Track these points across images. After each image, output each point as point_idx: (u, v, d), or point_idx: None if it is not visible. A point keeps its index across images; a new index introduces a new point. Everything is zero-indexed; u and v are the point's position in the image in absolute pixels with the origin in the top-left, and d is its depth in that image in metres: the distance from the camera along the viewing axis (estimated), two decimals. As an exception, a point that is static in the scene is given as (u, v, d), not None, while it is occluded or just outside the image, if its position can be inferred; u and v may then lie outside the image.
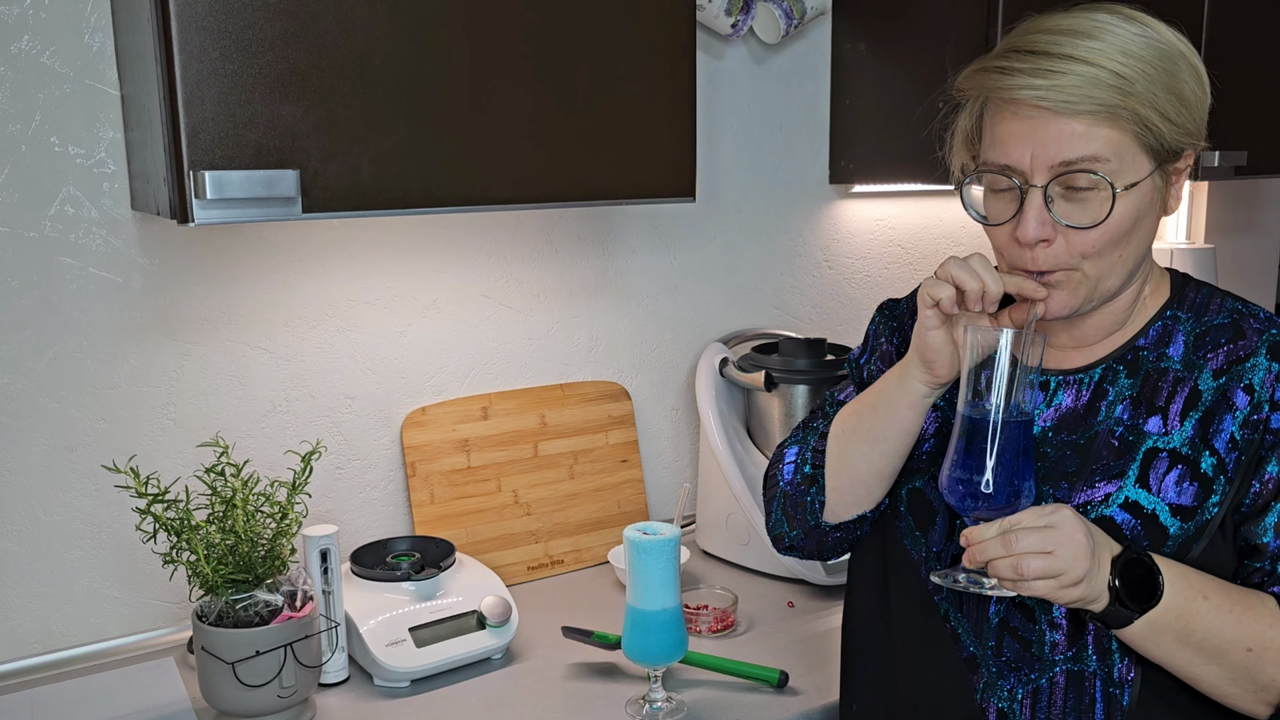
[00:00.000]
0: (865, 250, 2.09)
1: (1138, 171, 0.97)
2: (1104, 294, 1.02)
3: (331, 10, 1.16)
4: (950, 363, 1.04)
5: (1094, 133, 0.95)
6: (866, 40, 1.89)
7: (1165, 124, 0.96)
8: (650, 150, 1.39)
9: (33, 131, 1.34)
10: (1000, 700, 1.05)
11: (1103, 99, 0.94)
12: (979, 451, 0.98)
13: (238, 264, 1.50)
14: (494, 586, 1.46)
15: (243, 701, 1.22)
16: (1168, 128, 0.96)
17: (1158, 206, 1.01)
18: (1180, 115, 0.97)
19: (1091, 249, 0.98)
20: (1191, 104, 0.98)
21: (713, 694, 1.34)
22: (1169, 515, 1.00)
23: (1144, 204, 0.99)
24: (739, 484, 1.68)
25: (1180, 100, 0.97)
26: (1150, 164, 0.97)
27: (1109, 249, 0.98)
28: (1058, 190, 0.97)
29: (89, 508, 1.44)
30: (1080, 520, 0.96)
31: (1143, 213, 0.99)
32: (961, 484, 1.00)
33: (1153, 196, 0.99)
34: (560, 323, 1.78)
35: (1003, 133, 1.00)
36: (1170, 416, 1.03)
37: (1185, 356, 1.05)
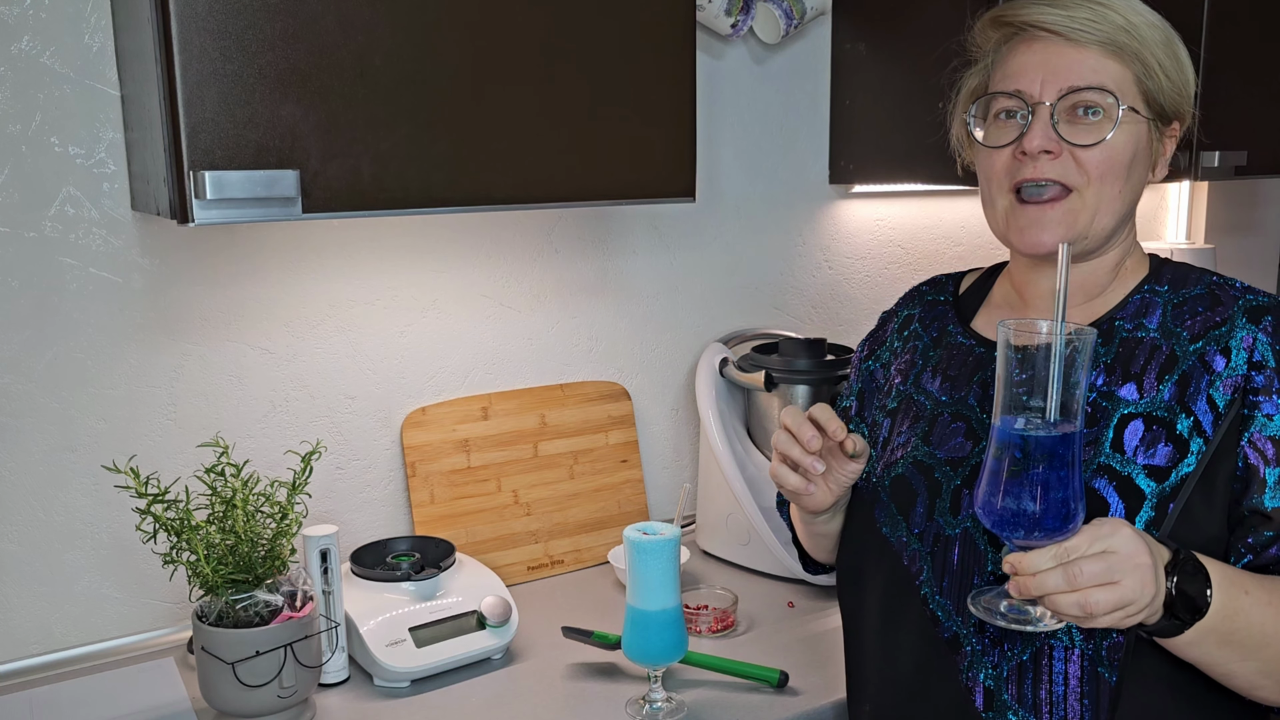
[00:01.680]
0: (865, 250, 2.09)
1: (1138, 106, 1.05)
2: (1097, 233, 1.06)
3: (331, 10, 1.16)
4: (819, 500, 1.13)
5: (1103, 65, 1.03)
6: (866, 40, 1.89)
7: (1163, 78, 1.04)
8: (650, 150, 1.39)
9: (33, 131, 1.34)
10: (986, 678, 1.04)
11: (1112, 35, 1.02)
12: (1023, 471, 0.88)
13: (238, 264, 1.50)
14: (494, 586, 1.46)
15: (243, 702, 1.22)
16: (1165, 82, 1.05)
17: (1147, 160, 1.08)
18: (1176, 76, 1.05)
19: (1095, 169, 1.03)
20: (1186, 72, 1.06)
21: (713, 694, 1.34)
22: (1144, 477, 1.00)
23: (1140, 145, 1.05)
24: (739, 484, 1.68)
25: (1177, 63, 1.05)
26: (1148, 112, 1.05)
27: (1109, 176, 1.04)
28: (1064, 113, 1.04)
29: (89, 508, 1.44)
30: (1138, 537, 0.89)
31: (1138, 154, 1.05)
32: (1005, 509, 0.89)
33: (1148, 144, 1.06)
34: (560, 323, 1.78)
35: (1015, 65, 1.07)
36: (1146, 383, 1.04)
37: (1162, 325, 1.07)
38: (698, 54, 1.45)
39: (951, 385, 1.16)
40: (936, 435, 1.13)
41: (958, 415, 1.13)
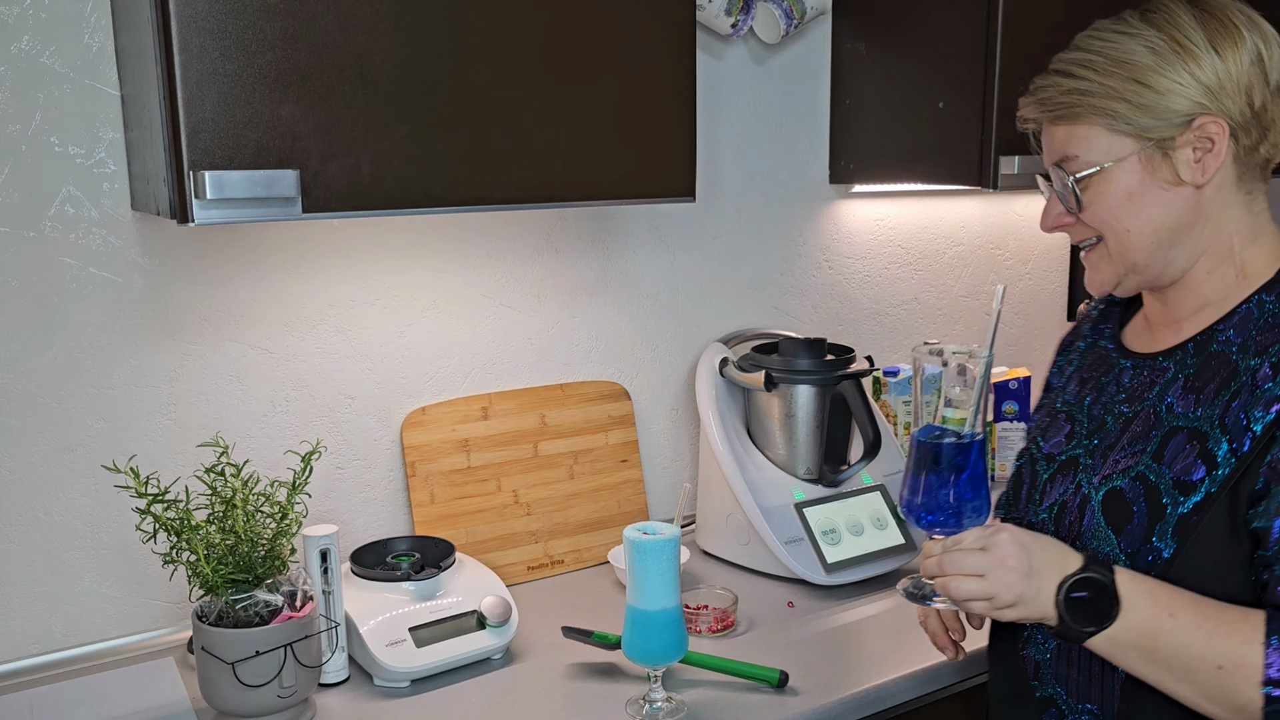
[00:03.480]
0: (865, 250, 2.09)
1: (1113, 154, 1.07)
2: (1136, 267, 1.10)
3: (331, 10, 1.16)
4: None
5: (1069, 132, 1.10)
6: (866, 40, 1.89)
7: (1133, 110, 1.05)
8: (650, 150, 1.39)
9: (33, 131, 1.34)
10: (1037, 652, 1.15)
11: (1065, 102, 1.09)
12: (923, 473, 1.06)
13: (238, 264, 1.50)
14: (494, 586, 1.46)
15: (243, 701, 1.22)
16: (1136, 113, 1.05)
17: (1162, 181, 1.07)
18: (1152, 99, 1.05)
19: (1096, 224, 1.10)
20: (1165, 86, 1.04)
21: (713, 694, 1.34)
22: (1170, 488, 1.03)
23: (1133, 182, 1.07)
24: (739, 484, 1.68)
25: (1147, 86, 1.05)
26: (1132, 145, 1.06)
27: (1111, 222, 1.09)
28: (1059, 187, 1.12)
29: (89, 508, 1.44)
30: (1018, 544, 1.00)
31: (1137, 190, 1.07)
32: (911, 504, 1.07)
33: (1147, 175, 1.07)
34: (560, 323, 1.78)
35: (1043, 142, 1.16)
36: (1204, 395, 1.05)
37: (1244, 339, 1.06)
38: (698, 54, 1.45)
39: (1080, 387, 1.22)
40: (1051, 431, 1.21)
41: (1070, 416, 1.19)
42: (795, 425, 1.72)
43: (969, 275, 2.25)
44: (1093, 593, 0.99)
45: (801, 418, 1.71)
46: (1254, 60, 1.04)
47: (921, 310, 2.19)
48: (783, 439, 1.73)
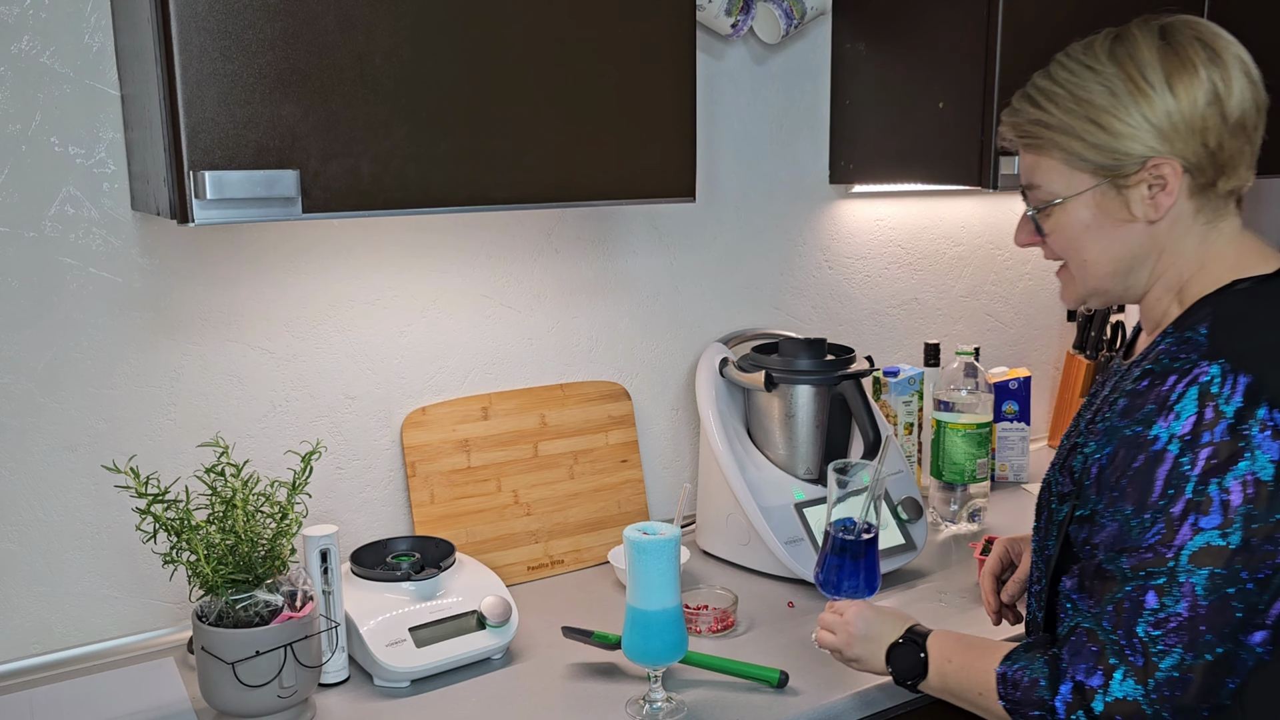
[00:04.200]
0: (865, 250, 2.09)
1: (1070, 188, 1.12)
2: (1097, 291, 1.17)
3: (331, 10, 1.16)
4: None
5: (1034, 162, 1.15)
6: (866, 40, 1.89)
7: (1089, 148, 1.09)
8: (650, 150, 1.39)
9: (33, 131, 1.34)
10: None
11: (1030, 132, 1.13)
12: (827, 554, 1.38)
13: (238, 264, 1.50)
14: (494, 586, 1.46)
15: (243, 701, 1.22)
16: (1092, 151, 1.09)
17: (1118, 216, 1.11)
18: (1105, 140, 1.08)
19: (1057, 248, 1.17)
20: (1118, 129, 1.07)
21: (713, 694, 1.34)
22: (1056, 499, 1.17)
23: (1088, 215, 1.12)
24: (739, 484, 1.68)
25: (1102, 127, 1.08)
26: (1089, 180, 1.10)
27: (1070, 249, 1.15)
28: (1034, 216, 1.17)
29: (89, 508, 1.44)
30: (862, 616, 1.27)
31: (1093, 223, 1.12)
32: (816, 573, 1.40)
33: (1102, 210, 1.11)
34: (560, 323, 1.78)
35: None
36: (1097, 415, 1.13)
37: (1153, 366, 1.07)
38: (698, 54, 1.45)
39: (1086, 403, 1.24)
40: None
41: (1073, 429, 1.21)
42: (795, 425, 1.72)
43: (969, 275, 2.25)
44: (907, 652, 1.23)
45: (801, 418, 1.71)
46: (1210, 100, 1.05)
47: (921, 310, 2.19)
48: (783, 439, 1.73)
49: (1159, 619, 1.00)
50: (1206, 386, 1.00)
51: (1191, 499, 0.99)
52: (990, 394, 1.96)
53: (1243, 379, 0.99)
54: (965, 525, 1.92)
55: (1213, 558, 0.98)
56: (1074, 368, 2.30)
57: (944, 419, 1.94)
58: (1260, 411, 0.98)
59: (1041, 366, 2.40)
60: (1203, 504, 0.99)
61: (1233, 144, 1.07)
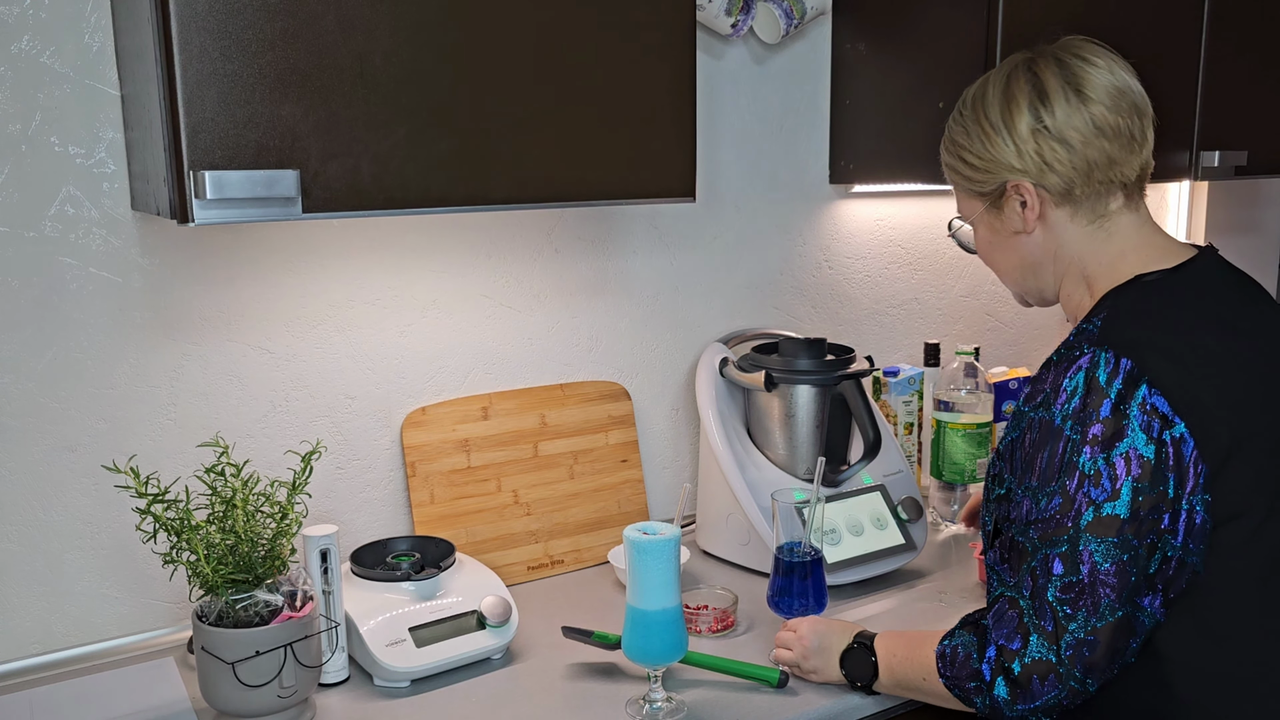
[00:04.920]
0: (865, 250, 2.09)
1: (970, 213, 1.32)
2: (1017, 294, 1.36)
3: (331, 10, 1.16)
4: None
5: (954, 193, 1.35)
6: (866, 40, 1.89)
7: (967, 180, 1.29)
8: (650, 150, 1.39)
9: (33, 131, 1.34)
10: None
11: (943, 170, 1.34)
12: (778, 575, 1.44)
13: (238, 264, 1.50)
14: (494, 586, 1.46)
15: (243, 701, 1.22)
16: (969, 183, 1.29)
17: (1004, 231, 1.28)
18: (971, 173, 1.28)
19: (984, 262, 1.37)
20: (977, 164, 1.26)
21: (713, 694, 1.34)
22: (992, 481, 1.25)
23: (986, 232, 1.31)
24: (739, 484, 1.68)
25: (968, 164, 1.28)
26: (979, 204, 1.30)
27: (987, 262, 1.35)
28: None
29: (89, 508, 1.44)
30: (814, 630, 1.35)
31: (989, 238, 1.31)
32: (768, 594, 1.45)
33: (991, 227, 1.30)
34: (560, 323, 1.78)
35: None
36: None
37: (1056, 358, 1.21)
38: (698, 54, 1.45)
39: None
40: None
41: None
42: (795, 425, 1.72)
43: (969, 275, 2.25)
44: (858, 657, 1.31)
45: (801, 418, 1.71)
46: (1035, 129, 1.21)
47: (921, 310, 2.19)
48: (783, 439, 1.73)
49: (1065, 584, 1.11)
50: (1092, 370, 1.12)
51: (1083, 473, 1.11)
52: (990, 394, 1.96)
53: (1125, 363, 1.11)
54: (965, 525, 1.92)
55: (1105, 527, 1.09)
56: (1074, 368, 2.30)
57: (944, 419, 1.94)
58: (1140, 392, 1.09)
59: (1041, 366, 2.39)
60: (1094, 477, 1.10)
61: (1076, 155, 1.20)
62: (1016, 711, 1.13)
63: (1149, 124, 1.23)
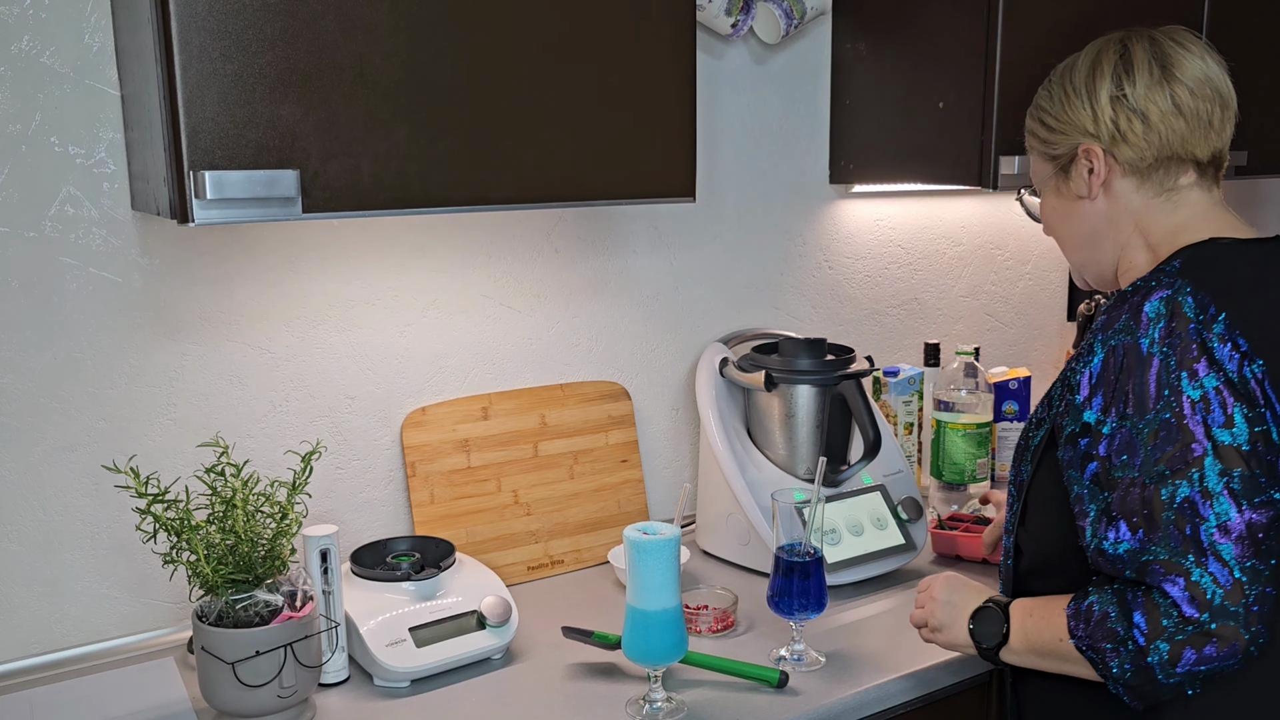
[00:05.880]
0: (865, 250, 2.09)
1: (1042, 179, 1.34)
2: (1077, 265, 1.36)
3: (331, 10, 1.16)
4: None
5: (1027, 162, 1.38)
6: (866, 40, 1.89)
7: (1042, 144, 1.31)
8: (650, 150, 1.39)
9: (33, 131, 1.34)
10: None
11: (1024, 137, 1.36)
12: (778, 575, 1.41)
13: (238, 264, 1.50)
14: (494, 586, 1.46)
15: (243, 701, 1.22)
16: (1044, 145, 1.31)
17: (1070, 196, 1.30)
18: (1047, 135, 1.30)
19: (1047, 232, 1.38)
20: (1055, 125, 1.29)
21: (713, 694, 1.34)
22: (1033, 424, 1.27)
23: (1054, 198, 1.33)
24: (739, 484, 1.68)
25: (1046, 126, 1.30)
26: (1050, 168, 1.31)
27: (1050, 230, 1.37)
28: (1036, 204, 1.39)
29: (89, 508, 1.44)
30: (948, 584, 1.31)
31: (1056, 205, 1.33)
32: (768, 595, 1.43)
33: (1058, 193, 1.31)
34: (560, 323, 1.78)
35: None
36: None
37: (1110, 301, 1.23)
38: (698, 54, 1.45)
39: None
40: None
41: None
42: (795, 425, 1.72)
43: (969, 275, 2.25)
44: (989, 615, 1.25)
45: (801, 418, 1.71)
46: (1114, 98, 1.23)
47: (921, 310, 2.19)
48: (783, 439, 1.73)
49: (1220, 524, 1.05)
50: (1174, 297, 1.12)
51: (1192, 400, 1.08)
52: (990, 394, 1.96)
53: (1203, 296, 1.11)
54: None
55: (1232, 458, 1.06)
56: (1074, 368, 2.30)
57: (944, 419, 1.94)
58: (1218, 327, 1.09)
59: (1041, 366, 2.40)
60: (1203, 404, 1.07)
61: (1149, 129, 1.22)
62: (1173, 675, 1.06)
63: (1230, 117, 1.25)
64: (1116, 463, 1.11)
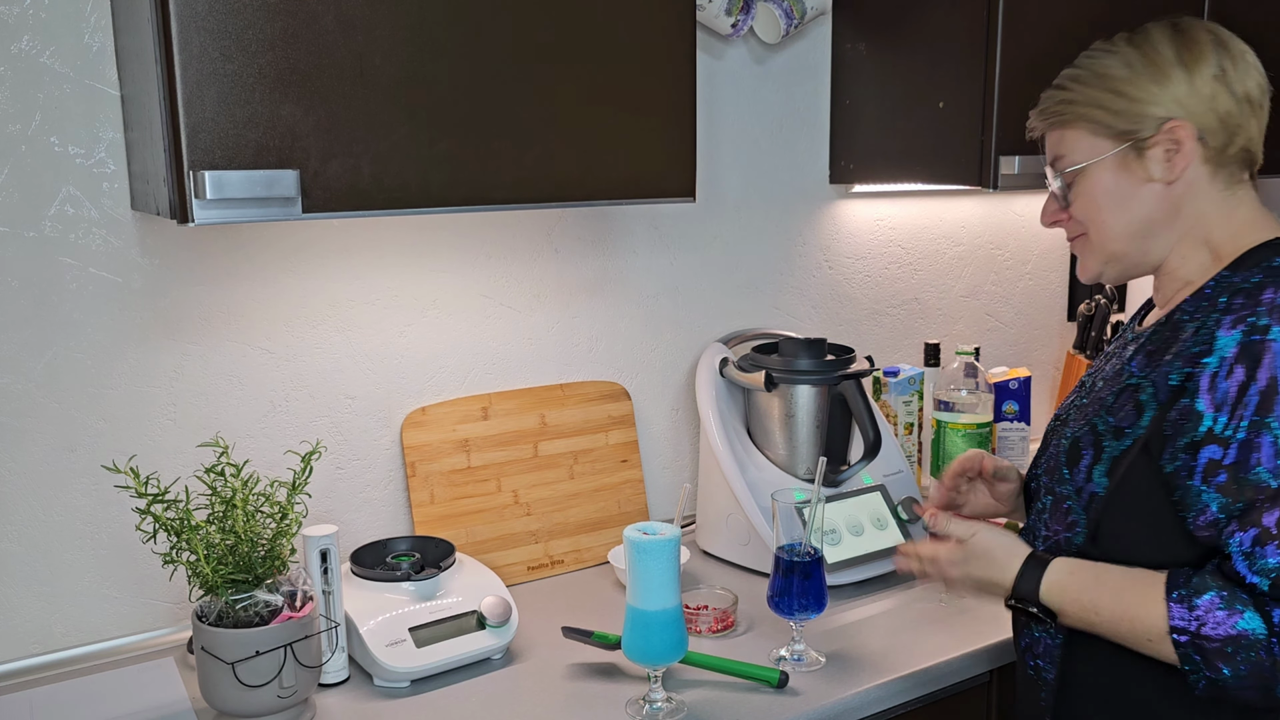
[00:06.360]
0: (865, 250, 2.09)
1: (1094, 154, 1.20)
2: (1115, 256, 1.23)
3: (331, 10, 1.16)
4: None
5: (1059, 136, 1.24)
6: (866, 40, 1.89)
7: (1110, 115, 1.19)
8: (650, 150, 1.39)
9: (33, 131, 1.34)
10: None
11: (1057, 110, 1.24)
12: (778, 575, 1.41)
13: (238, 264, 1.50)
14: (494, 586, 1.46)
15: (243, 702, 1.22)
16: (1113, 118, 1.19)
17: (1137, 177, 1.19)
18: (1124, 105, 1.18)
19: (1081, 216, 1.24)
20: (1137, 95, 1.17)
21: (713, 694, 1.34)
22: (1108, 433, 1.18)
23: (1110, 178, 1.20)
24: (739, 484, 1.68)
25: (1122, 95, 1.18)
26: (1110, 145, 1.19)
27: (1093, 214, 1.22)
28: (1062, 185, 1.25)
29: (89, 508, 1.44)
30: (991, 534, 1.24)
31: (1114, 186, 1.20)
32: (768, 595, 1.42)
33: (1123, 173, 1.20)
34: (560, 323, 1.78)
35: None
36: (1154, 358, 1.18)
37: (1195, 308, 1.17)
38: (698, 54, 1.45)
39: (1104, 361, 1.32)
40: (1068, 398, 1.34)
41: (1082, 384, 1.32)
42: (795, 425, 1.72)
43: (969, 275, 2.25)
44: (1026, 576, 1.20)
45: (802, 418, 1.71)
46: (1216, 74, 1.17)
47: (921, 310, 2.19)
48: (783, 439, 1.73)
49: None
50: None
51: None
52: (990, 394, 1.96)
53: None
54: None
55: None
56: (1074, 368, 2.30)
57: (944, 419, 1.94)
58: None
59: (1041, 366, 2.40)
60: None
61: (1240, 114, 1.17)
62: None
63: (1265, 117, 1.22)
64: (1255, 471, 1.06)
